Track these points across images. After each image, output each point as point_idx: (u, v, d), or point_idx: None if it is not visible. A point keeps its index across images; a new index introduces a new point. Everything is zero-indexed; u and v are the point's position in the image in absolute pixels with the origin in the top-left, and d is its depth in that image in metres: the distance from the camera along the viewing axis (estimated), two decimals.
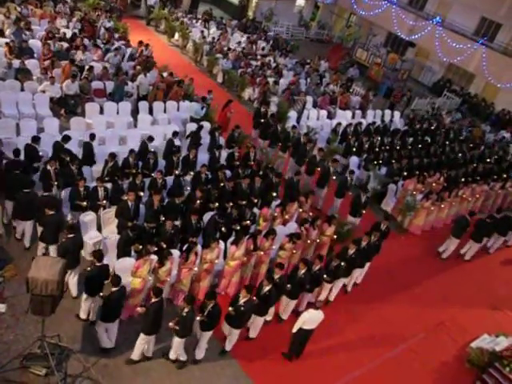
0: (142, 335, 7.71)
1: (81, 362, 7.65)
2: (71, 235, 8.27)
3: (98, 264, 7.92)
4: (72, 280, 8.65)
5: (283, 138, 14.55)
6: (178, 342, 7.80)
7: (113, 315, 7.70)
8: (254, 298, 8.37)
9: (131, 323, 8.31)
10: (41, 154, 10.68)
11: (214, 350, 8.55)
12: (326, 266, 9.67)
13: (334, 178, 13.28)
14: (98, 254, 7.99)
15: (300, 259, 9.98)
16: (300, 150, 13.98)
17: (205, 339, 8.11)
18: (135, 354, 7.89)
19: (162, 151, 12.48)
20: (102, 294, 7.72)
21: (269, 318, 9.35)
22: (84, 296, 8.16)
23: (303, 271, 9.10)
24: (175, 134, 12.75)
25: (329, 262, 9.77)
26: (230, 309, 8.03)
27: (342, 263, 9.75)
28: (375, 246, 10.67)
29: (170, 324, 7.57)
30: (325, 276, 9.50)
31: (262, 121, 15.36)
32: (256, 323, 8.85)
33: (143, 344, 7.80)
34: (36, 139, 10.69)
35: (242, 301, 8.00)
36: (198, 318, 7.74)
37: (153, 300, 7.56)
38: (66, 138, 10.82)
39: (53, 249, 8.84)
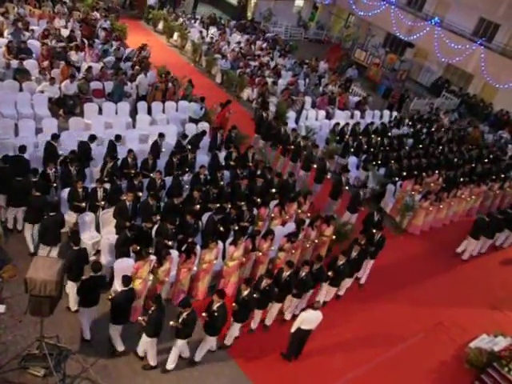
0: (110, 324, 7.78)
1: (79, 363, 7.65)
2: (52, 213, 8.56)
3: (75, 248, 8.05)
4: (53, 254, 8.92)
5: (284, 141, 14.44)
6: (144, 341, 7.69)
7: (87, 301, 7.71)
8: (234, 304, 8.20)
9: (133, 325, 8.22)
10: (60, 152, 10.79)
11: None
12: (310, 269, 9.32)
13: (347, 188, 12.97)
14: (74, 238, 8.21)
15: (297, 260, 9.99)
16: (307, 155, 13.73)
17: (181, 347, 7.90)
18: (116, 345, 7.94)
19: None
20: (83, 278, 7.81)
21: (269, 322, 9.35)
22: (68, 283, 8.23)
23: (288, 273, 8.89)
24: (184, 136, 12.84)
25: (311, 265, 9.43)
26: (204, 314, 7.83)
27: (330, 273, 9.58)
28: (364, 254, 10.38)
29: (139, 318, 7.56)
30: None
31: (265, 123, 15.23)
32: (233, 329, 8.58)
33: (114, 331, 7.80)
34: (56, 137, 10.82)
35: (215, 306, 7.74)
36: (171, 323, 7.57)
37: (121, 288, 7.57)
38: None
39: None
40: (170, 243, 9.23)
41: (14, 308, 8.05)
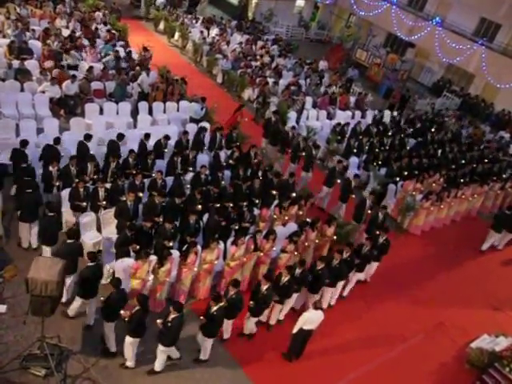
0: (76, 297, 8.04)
1: (81, 363, 7.66)
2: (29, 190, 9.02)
3: (50, 214, 8.47)
4: (33, 231, 9.30)
5: (294, 148, 14.09)
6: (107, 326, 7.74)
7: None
8: (202, 317, 7.85)
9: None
10: (91, 152, 11.00)
11: (213, 350, 8.50)
12: (292, 274, 9.01)
13: (370, 212, 12.27)
14: (51, 206, 8.67)
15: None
16: (330, 170, 13.43)
17: (126, 345, 7.66)
18: (89, 319, 8.18)
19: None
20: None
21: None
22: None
23: (266, 287, 8.49)
24: (185, 132, 12.87)
25: (292, 270, 9.05)
26: (159, 321, 7.46)
27: (310, 277, 9.25)
28: (348, 264, 9.93)
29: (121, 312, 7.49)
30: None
31: (272, 127, 15.01)
32: (205, 345, 8.24)
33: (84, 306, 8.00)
34: (88, 137, 11.07)
35: (170, 317, 7.40)
36: (121, 312, 7.43)
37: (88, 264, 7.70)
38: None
39: None
40: (171, 244, 9.22)
41: (15, 308, 8.07)
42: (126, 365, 7.85)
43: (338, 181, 13.31)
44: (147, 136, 12.05)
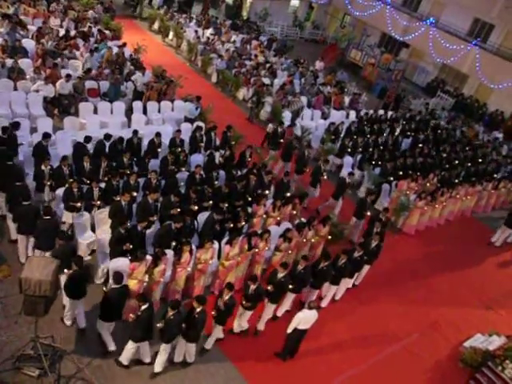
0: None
1: (74, 363, 7.62)
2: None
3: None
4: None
5: (313, 173, 13.43)
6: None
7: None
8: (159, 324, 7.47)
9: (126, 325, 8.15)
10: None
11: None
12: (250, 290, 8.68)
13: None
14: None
15: (293, 261, 9.96)
16: (360, 204, 12.79)
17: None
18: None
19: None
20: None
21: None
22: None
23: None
24: (178, 131, 12.86)
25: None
26: (131, 315, 7.43)
27: (269, 287, 8.78)
28: (322, 272, 9.53)
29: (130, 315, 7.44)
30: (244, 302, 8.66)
31: (282, 141, 14.74)
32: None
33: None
34: (108, 137, 11.34)
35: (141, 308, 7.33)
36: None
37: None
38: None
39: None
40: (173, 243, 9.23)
41: (8, 308, 8.02)
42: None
43: (368, 213, 12.58)
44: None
